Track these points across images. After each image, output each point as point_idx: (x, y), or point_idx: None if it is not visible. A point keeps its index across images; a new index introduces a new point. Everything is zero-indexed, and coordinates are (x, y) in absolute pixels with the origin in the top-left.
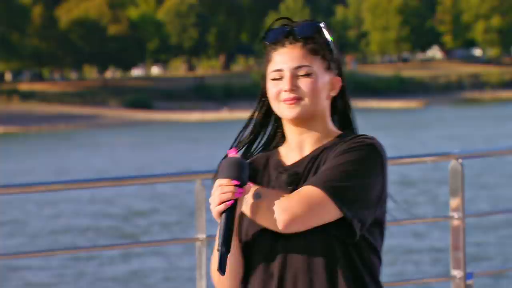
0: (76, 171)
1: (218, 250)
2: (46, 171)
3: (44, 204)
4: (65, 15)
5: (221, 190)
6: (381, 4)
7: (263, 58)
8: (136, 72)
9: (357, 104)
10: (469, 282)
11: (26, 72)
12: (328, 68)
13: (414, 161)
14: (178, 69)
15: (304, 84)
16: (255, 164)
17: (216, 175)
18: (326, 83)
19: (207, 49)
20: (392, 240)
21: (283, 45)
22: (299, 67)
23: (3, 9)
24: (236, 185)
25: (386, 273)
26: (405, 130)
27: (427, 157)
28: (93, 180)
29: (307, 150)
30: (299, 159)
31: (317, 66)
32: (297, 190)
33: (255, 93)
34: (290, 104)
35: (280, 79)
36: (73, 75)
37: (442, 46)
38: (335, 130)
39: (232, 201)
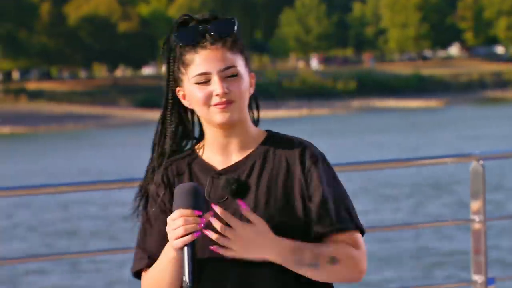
0: (96, 171)
1: (187, 286)
2: (69, 171)
3: (57, 206)
4: (74, 12)
5: (185, 221)
6: (400, 0)
7: (181, 59)
8: (147, 70)
9: (374, 103)
10: (490, 287)
11: (34, 71)
12: (247, 64)
13: (434, 162)
14: None
15: (233, 87)
16: (177, 168)
17: (144, 182)
18: (248, 82)
19: None
20: (412, 243)
21: (203, 47)
22: (226, 68)
23: (11, 6)
24: (198, 216)
25: (406, 278)
26: (425, 131)
27: (447, 158)
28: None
29: (234, 152)
30: (232, 163)
31: (240, 64)
32: (349, 238)
33: (269, 91)
34: (223, 108)
35: (206, 82)
36: (82, 73)
37: (463, 44)
38: (256, 130)
39: (198, 233)
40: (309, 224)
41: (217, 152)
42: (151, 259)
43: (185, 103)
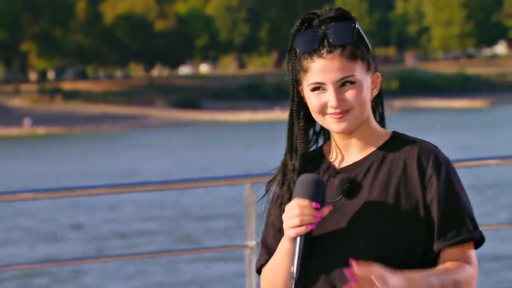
0: (131, 173)
1: (293, 277)
2: (105, 173)
3: (96, 208)
4: (110, 10)
5: (301, 212)
6: None
7: (289, 59)
8: (184, 70)
9: (417, 103)
10: None
11: (70, 70)
12: (369, 68)
13: (479, 164)
14: (228, 66)
15: (350, 95)
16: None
17: (272, 178)
18: (369, 86)
19: (258, 45)
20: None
21: (319, 55)
22: (342, 78)
23: (46, 4)
24: (315, 208)
25: None
26: (470, 131)
27: (491, 160)
28: (139, 183)
29: (355, 153)
30: (351, 163)
31: (359, 71)
32: (463, 252)
33: None
34: (338, 118)
35: (322, 89)
36: (118, 73)
37: (509, 42)
38: (380, 130)
39: (313, 226)
40: (418, 232)
41: (339, 152)
42: (271, 255)
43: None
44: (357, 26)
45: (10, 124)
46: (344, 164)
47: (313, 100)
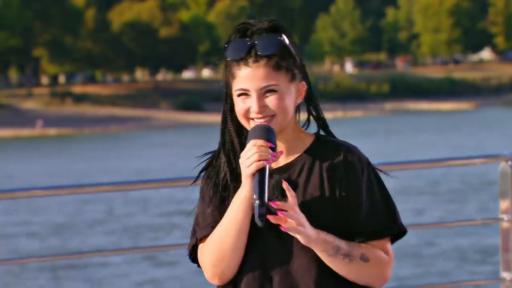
0: (138, 171)
1: (255, 204)
2: (112, 171)
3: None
4: (117, 18)
5: (258, 149)
6: (432, 5)
7: (224, 67)
8: (187, 74)
9: (408, 106)
10: None
11: (79, 75)
12: (293, 78)
13: (463, 163)
14: None
15: (271, 102)
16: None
17: (193, 182)
18: (292, 94)
19: None
20: (442, 241)
21: (246, 64)
22: (265, 87)
23: (57, 12)
24: (270, 148)
25: (434, 274)
26: (456, 132)
27: (476, 159)
28: (147, 181)
29: (283, 155)
30: (283, 164)
31: (282, 80)
32: (380, 243)
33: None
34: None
35: (246, 95)
36: (125, 77)
37: (494, 48)
38: (304, 133)
39: (269, 161)
40: (349, 226)
41: None
42: (215, 226)
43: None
44: (283, 38)
45: (23, 125)
46: (276, 165)
47: (238, 105)
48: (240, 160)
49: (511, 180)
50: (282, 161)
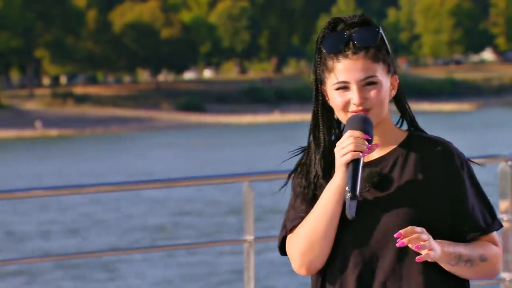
0: (139, 172)
1: (347, 195)
2: (114, 171)
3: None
4: (118, 19)
5: (354, 140)
6: (433, 6)
7: (313, 61)
8: (189, 75)
9: None
10: None
11: (81, 76)
12: (389, 71)
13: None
14: (230, 72)
15: (372, 94)
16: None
17: (286, 182)
18: (389, 87)
19: (258, 52)
20: None
21: (345, 56)
22: (365, 78)
23: (59, 13)
24: (366, 140)
25: None
26: (458, 133)
27: (475, 158)
28: (141, 181)
29: (376, 150)
30: (375, 158)
31: (380, 72)
32: (490, 237)
33: (306, 95)
34: None
35: (345, 88)
36: (126, 78)
37: (495, 49)
38: (397, 129)
39: (364, 153)
40: (450, 223)
41: None
42: (303, 218)
43: (330, 102)
44: (380, 31)
45: (24, 126)
46: (369, 158)
47: (337, 98)
48: (336, 149)
49: (510, 180)
50: (375, 154)
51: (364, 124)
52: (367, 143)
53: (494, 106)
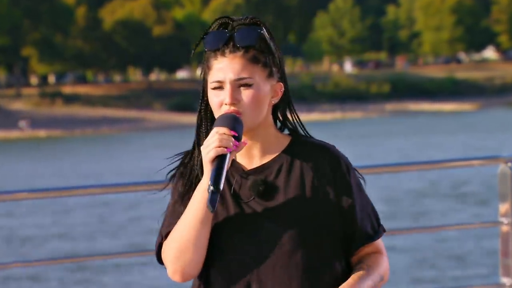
0: (129, 174)
1: (209, 189)
2: (104, 173)
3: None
4: (109, 16)
5: (219, 136)
6: (434, 3)
7: (204, 64)
8: (181, 74)
9: (408, 106)
10: None
11: (70, 75)
12: (270, 75)
13: (462, 164)
14: None
15: (245, 96)
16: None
17: (167, 184)
18: (268, 92)
19: None
20: (441, 245)
21: (222, 54)
22: (240, 79)
23: (47, 10)
24: (234, 137)
25: (433, 279)
26: (457, 133)
27: (475, 160)
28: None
29: (259, 156)
30: (259, 165)
31: (258, 75)
32: (376, 244)
33: (303, 95)
34: None
35: (220, 88)
36: (117, 77)
37: (497, 47)
38: (280, 134)
39: (229, 149)
40: (340, 229)
41: (242, 154)
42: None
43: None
44: (263, 32)
45: (11, 127)
46: (251, 166)
47: (212, 98)
48: (202, 148)
49: (510, 182)
50: (258, 161)
51: (231, 121)
52: (233, 139)
53: (497, 106)
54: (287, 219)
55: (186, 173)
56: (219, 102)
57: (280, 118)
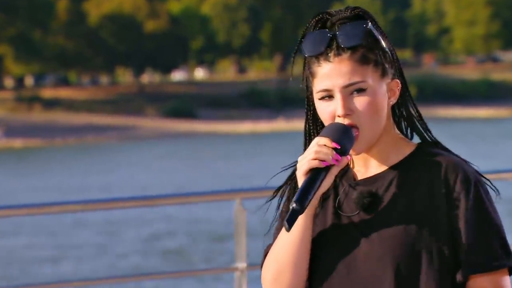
0: (118, 188)
1: (291, 205)
2: (89, 188)
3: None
4: (94, 10)
5: (318, 148)
6: None
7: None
8: (178, 75)
9: (437, 112)
10: None
11: (50, 76)
12: (383, 74)
13: (492, 177)
14: (226, 71)
15: (359, 104)
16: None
17: (282, 186)
18: (384, 94)
19: (260, 48)
20: None
21: (327, 59)
22: (350, 84)
23: (24, 3)
24: (335, 149)
25: None
26: (492, 142)
27: (506, 173)
28: (123, 199)
29: (375, 165)
30: (371, 175)
31: (371, 76)
32: (493, 279)
33: None
34: None
35: (330, 97)
36: (104, 79)
37: None
38: (403, 141)
39: (326, 163)
40: (450, 254)
41: (358, 163)
42: None
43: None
44: (369, 26)
45: None
46: (365, 175)
47: (321, 110)
48: (299, 158)
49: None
50: (373, 171)
51: (337, 131)
52: (334, 152)
53: None
54: (392, 237)
55: (292, 188)
56: (330, 114)
57: (399, 119)
